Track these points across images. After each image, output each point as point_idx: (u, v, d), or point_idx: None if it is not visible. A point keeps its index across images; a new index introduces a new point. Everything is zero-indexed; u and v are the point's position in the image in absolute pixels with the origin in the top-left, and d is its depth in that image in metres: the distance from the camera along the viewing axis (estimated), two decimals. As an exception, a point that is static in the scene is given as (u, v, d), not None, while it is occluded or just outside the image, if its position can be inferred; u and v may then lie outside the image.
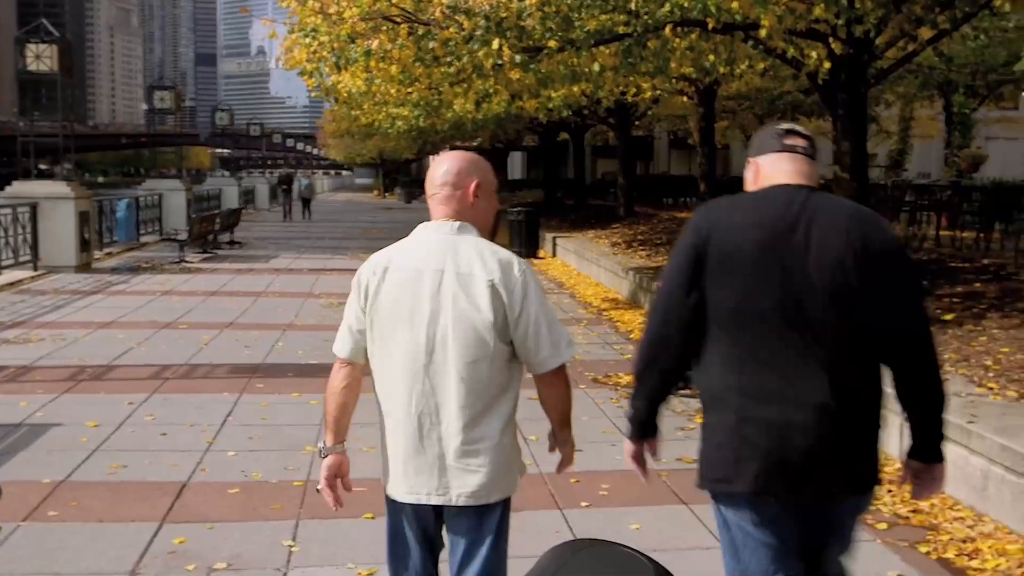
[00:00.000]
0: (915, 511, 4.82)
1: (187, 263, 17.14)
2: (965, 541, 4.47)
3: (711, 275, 2.45)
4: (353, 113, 24.65)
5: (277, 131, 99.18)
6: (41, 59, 16.86)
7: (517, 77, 9.96)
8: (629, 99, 16.22)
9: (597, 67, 9.54)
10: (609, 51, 9.56)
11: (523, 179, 44.85)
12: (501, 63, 8.72)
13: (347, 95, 12.96)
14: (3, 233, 14.39)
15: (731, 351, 2.45)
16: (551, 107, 14.21)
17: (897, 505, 4.88)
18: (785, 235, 2.42)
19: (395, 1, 8.90)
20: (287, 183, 35.23)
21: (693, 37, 9.69)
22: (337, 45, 9.10)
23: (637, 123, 24.98)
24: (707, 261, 2.45)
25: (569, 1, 8.46)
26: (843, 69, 9.67)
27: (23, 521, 4.63)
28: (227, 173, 46.65)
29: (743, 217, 2.49)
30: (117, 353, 8.73)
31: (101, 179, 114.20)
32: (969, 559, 4.27)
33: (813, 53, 9.59)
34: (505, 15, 8.39)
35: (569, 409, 2.79)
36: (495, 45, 8.27)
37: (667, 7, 8.04)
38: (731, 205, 2.57)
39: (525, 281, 2.61)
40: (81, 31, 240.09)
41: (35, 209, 15.20)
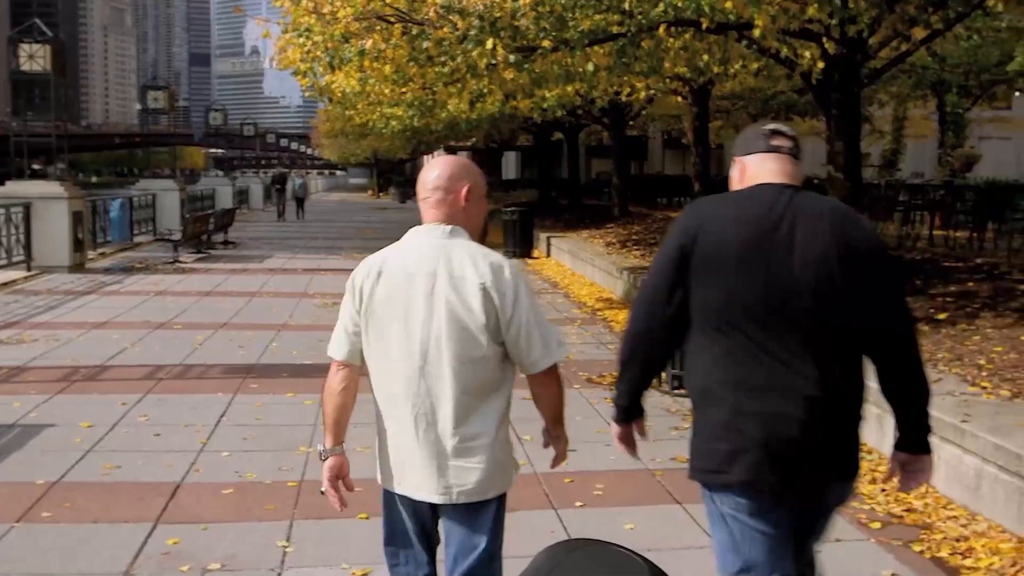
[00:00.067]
0: (909, 510, 4.84)
1: (181, 263, 17.10)
2: (959, 540, 4.48)
3: (697, 273, 2.51)
4: (347, 113, 24.59)
5: (271, 131, 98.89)
6: (34, 59, 16.79)
7: (511, 77, 9.97)
8: (623, 99, 16.20)
9: (591, 67, 9.53)
10: (603, 51, 9.57)
11: (517, 179, 44.77)
12: (495, 63, 8.71)
13: (341, 95, 12.93)
14: (-4, 233, 14.37)
15: (719, 347, 2.51)
16: (545, 107, 14.22)
17: (891, 504, 4.90)
18: (770, 233, 2.48)
19: (389, 1, 8.89)
20: (281, 183, 35.14)
21: (687, 37, 9.69)
22: (331, 45, 9.09)
23: (631, 123, 24.98)
24: (693, 259, 2.51)
25: (563, 1, 8.45)
26: (837, 69, 9.70)
27: (16, 522, 4.62)
28: (221, 173, 46.68)
29: (729, 215, 2.55)
30: (111, 353, 8.71)
31: (95, 179, 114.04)
32: (963, 558, 4.29)
33: (807, 53, 9.59)
34: (499, 15, 8.38)
35: (562, 407, 2.85)
36: (489, 45, 8.27)
37: (661, 7, 8.04)
38: (718, 203, 2.63)
39: (516, 284, 2.65)
40: (74, 31, 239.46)
41: (28, 209, 15.18)
